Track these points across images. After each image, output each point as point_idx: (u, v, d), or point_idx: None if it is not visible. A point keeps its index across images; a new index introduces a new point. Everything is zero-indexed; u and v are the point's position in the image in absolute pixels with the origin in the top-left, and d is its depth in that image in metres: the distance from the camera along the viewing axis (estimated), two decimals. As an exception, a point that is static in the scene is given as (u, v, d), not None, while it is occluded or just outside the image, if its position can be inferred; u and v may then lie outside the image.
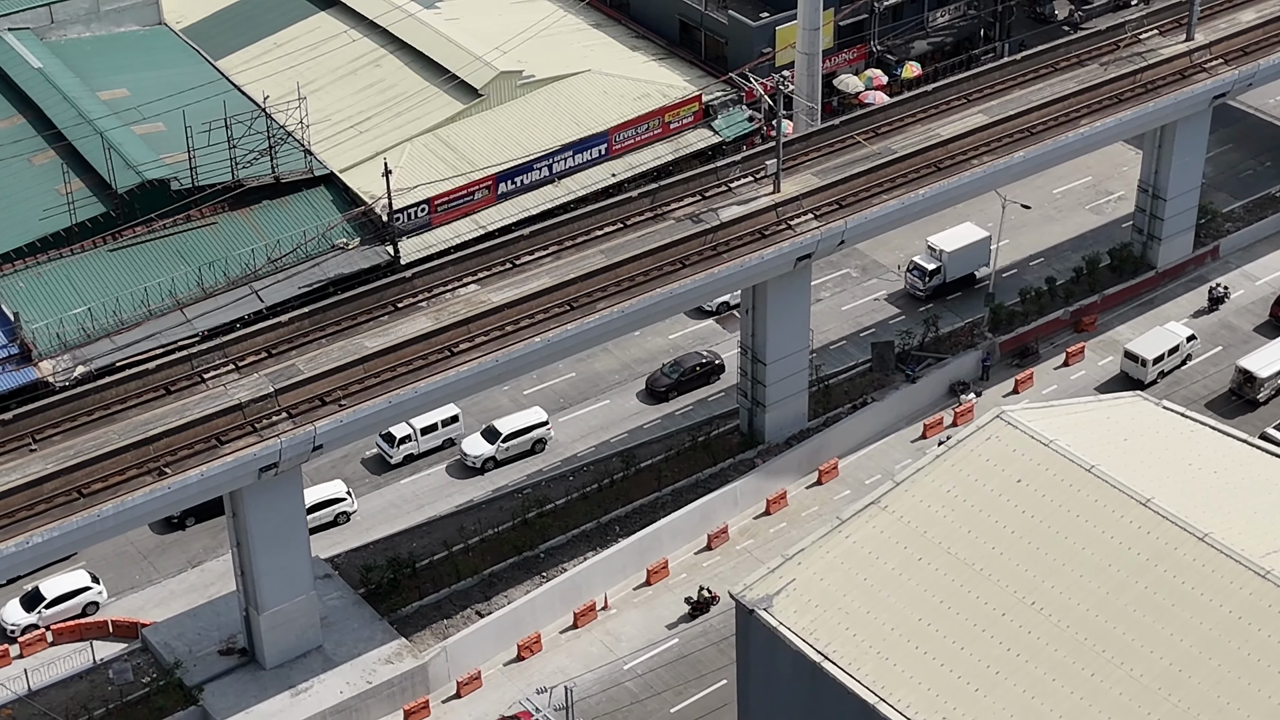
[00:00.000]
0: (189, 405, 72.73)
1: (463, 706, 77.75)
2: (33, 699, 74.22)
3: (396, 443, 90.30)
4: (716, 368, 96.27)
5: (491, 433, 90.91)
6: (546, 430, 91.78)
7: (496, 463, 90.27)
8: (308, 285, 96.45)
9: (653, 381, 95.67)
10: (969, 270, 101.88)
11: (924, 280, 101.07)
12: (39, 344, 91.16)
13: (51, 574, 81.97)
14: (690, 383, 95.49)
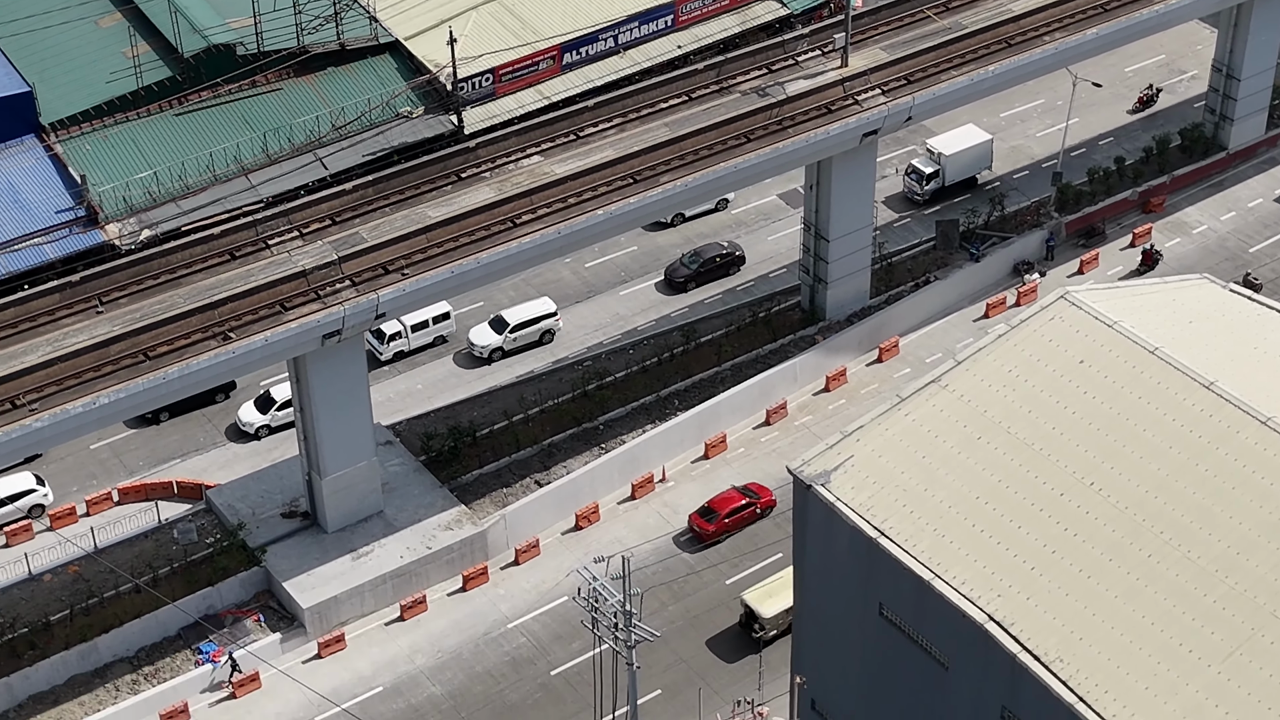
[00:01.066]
0: (253, 271, 73.18)
1: (521, 574, 78.68)
2: (99, 556, 75.58)
3: (386, 339, 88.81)
4: (737, 259, 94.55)
5: (499, 323, 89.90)
6: (555, 321, 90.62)
7: (504, 353, 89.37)
8: (371, 153, 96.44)
9: (671, 272, 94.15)
10: (969, 174, 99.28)
11: (921, 184, 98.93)
12: (105, 207, 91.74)
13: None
14: (710, 274, 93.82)
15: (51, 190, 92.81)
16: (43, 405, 67.25)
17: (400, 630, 76.28)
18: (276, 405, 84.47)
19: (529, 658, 75.24)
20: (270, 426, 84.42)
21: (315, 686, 71.46)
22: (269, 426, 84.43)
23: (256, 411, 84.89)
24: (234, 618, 75.17)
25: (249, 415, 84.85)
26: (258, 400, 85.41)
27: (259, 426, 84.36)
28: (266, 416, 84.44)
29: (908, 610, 54.02)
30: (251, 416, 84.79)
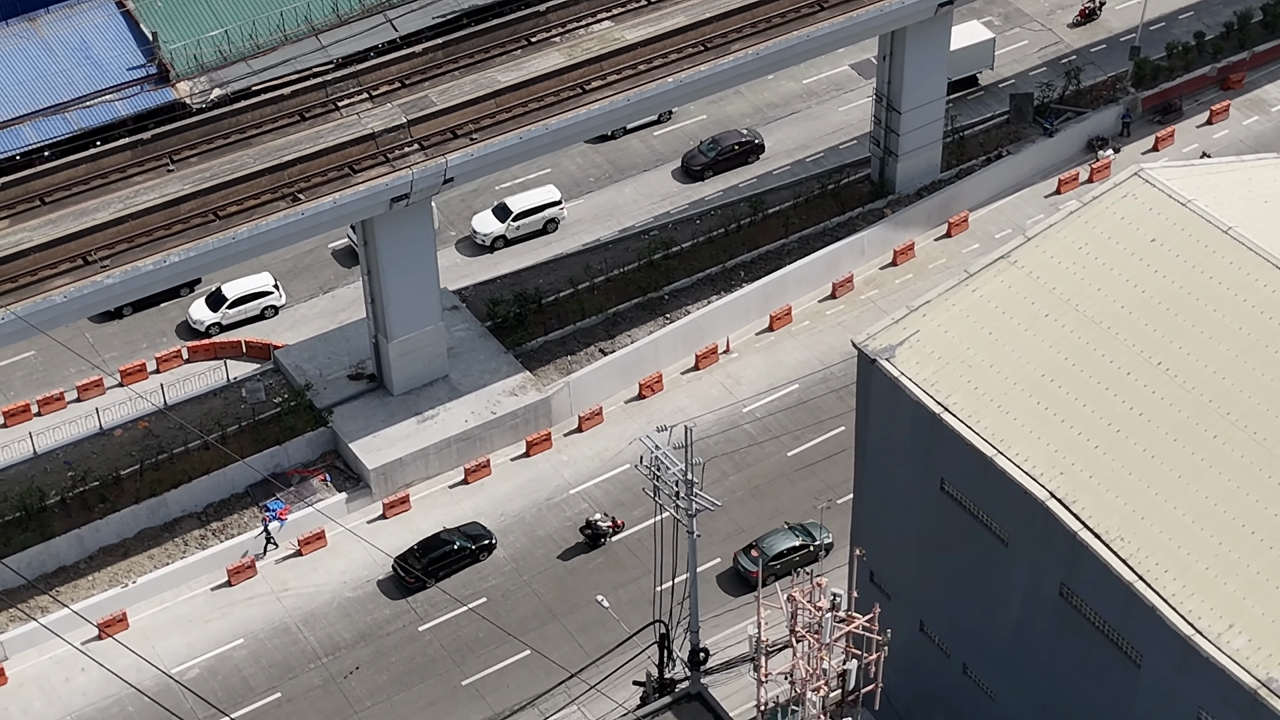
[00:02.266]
0: (323, 133, 73.19)
1: (584, 441, 79.19)
2: (169, 412, 76.59)
3: None
4: (756, 147, 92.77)
5: (503, 210, 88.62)
6: (559, 210, 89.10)
7: (506, 241, 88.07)
8: (442, 15, 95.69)
9: (688, 160, 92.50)
10: (969, 73, 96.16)
11: None
12: (176, 65, 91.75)
13: None
14: (727, 162, 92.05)
15: (123, 47, 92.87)
16: (114, 262, 67.85)
17: (464, 493, 77.09)
18: (228, 303, 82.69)
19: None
20: (221, 324, 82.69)
21: (380, 545, 72.47)
22: (219, 324, 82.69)
23: (208, 309, 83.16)
24: (300, 477, 76.17)
25: (199, 313, 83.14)
26: (209, 298, 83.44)
27: (209, 324, 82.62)
28: (217, 314, 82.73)
29: (969, 486, 54.07)
30: (202, 314, 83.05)
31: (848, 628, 49.39)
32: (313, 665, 70.66)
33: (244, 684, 69.92)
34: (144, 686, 65.04)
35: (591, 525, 74.53)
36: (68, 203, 69.78)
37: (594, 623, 71.07)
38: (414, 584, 72.68)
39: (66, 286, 66.86)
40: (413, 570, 72.58)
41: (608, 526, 74.51)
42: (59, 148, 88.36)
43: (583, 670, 63.05)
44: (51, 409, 79.65)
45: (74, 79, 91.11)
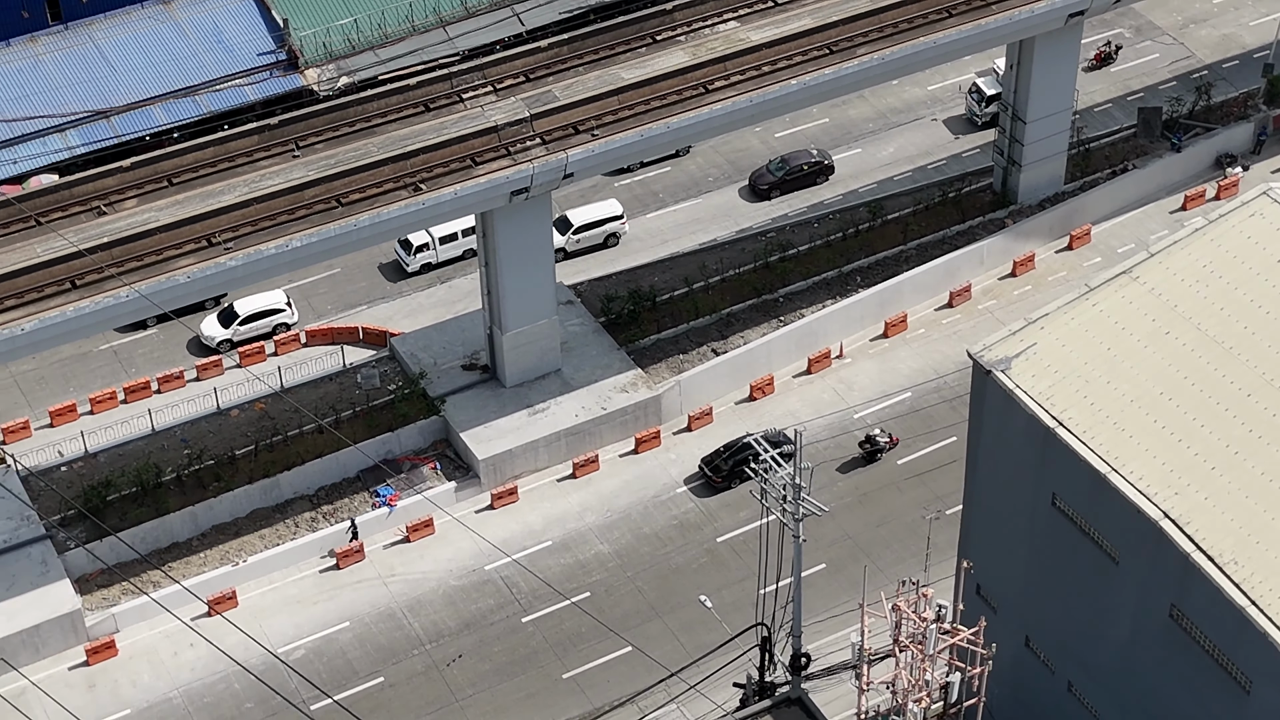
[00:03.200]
0: (446, 124, 73.73)
1: (693, 440, 79.19)
2: (285, 395, 77.55)
3: (414, 250, 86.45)
4: (826, 168, 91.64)
5: (564, 223, 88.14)
6: (620, 225, 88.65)
7: (566, 254, 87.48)
8: (568, 11, 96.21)
9: (756, 178, 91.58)
10: None
11: (981, 105, 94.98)
12: (305, 52, 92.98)
13: None
14: (795, 182, 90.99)
15: (254, 33, 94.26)
16: (237, 245, 68.80)
17: (571, 487, 77.39)
18: (239, 320, 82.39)
19: (696, 523, 75.95)
20: (232, 341, 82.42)
21: (486, 536, 72.94)
22: (230, 341, 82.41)
23: (219, 325, 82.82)
24: (411, 464, 76.83)
25: (211, 329, 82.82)
26: (221, 314, 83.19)
27: (220, 341, 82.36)
28: (229, 331, 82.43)
29: (1081, 502, 53.44)
30: (214, 330, 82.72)
31: (952, 640, 49.01)
32: (416, 651, 71.25)
33: (348, 667, 70.65)
34: (250, 665, 65.94)
35: (870, 440, 75.76)
36: (195, 184, 70.85)
37: (696, 622, 71.08)
38: (720, 484, 75.70)
39: (190, 267, 67.90)
40: (720, 470, 75.62)
41: (885, 441, 75.86)
42: (188, 130, 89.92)
43: (683, 669, 63.06)
44: (171, 387, 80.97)
45: (205, 62, 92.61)
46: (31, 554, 71.49)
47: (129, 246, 67.96)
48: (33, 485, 73.91)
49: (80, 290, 66.72)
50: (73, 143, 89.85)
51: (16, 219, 68.78)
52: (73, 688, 69.31)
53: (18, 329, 65.49)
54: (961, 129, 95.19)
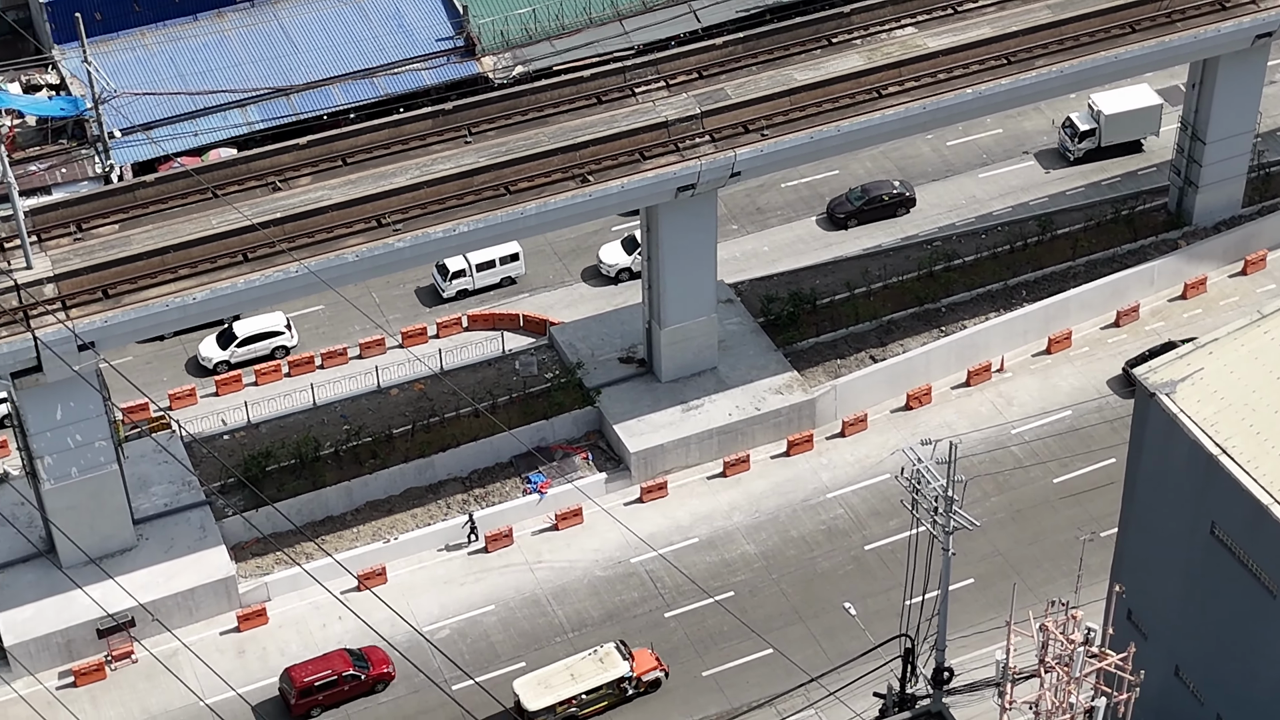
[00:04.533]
0: (617, 117, 74.06)
1: (846, 446, 78.77)
2: (444, 377, 78.46)
3: (450, 275, 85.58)
4: (906, 200, 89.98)
5: (631, 243, 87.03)
6: None
7: (631, 274, 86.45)
8: (745, 10, 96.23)
9: (834, 207, 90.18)
10: (1131, 138, 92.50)
11: (1074, 140, 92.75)
12: (483, 39, 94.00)
13: None
14: (874, 212, 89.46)
15: (434, 18, 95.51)
16: (406, 227, 69.72)
17: (721, 486, 77.37)
18: (237, 341, 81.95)
19: (844, 529, 75.55)
20: (230, 363, 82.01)
21: (634, 529, 73.18)
22: (228, 362, 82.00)
23: (217, 347, 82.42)
24: (564, 452, 77.32)
25: (209, 350, 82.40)
26: (219, 336, 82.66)
27: (218, 362, 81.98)
28: (226, 352, 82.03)
29: (1240, 532, 52.28)
30: (211, 351, 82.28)
31: (1100, 664, 48.22)
32: (559, 639, 71.71)
33: (491, 649, 71.31)
34: (396, 641, 66.84)
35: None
36: (368, 165, 71.91)
37: (839, 629, 70.72)
38: None
39: (359, 246, 68.94)
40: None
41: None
42: (364, 111, 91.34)
43: (823, 675, 62.81)
44: (334, 363, 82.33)
45: (385, 46, 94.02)
46: (191, 519, 73.14)
47: (301, 223, 69.18)
48: (196, 452, 75.61)
49: (251, 263, 68.08)
50: (252, 118, 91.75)
51: (195, 190, 70.36)
52: (223, 652, 70.76)
53: (190, 298, 66.99)
54: (1054, 164, 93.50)
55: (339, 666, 68.84)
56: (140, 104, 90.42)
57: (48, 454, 67.91)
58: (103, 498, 69.88)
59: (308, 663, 69.05)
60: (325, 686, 68.31)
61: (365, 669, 69.31)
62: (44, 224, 68.76)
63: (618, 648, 68.98)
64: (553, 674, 68.04)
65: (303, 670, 68.59)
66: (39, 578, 70.63)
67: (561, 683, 67.60)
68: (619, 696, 68.58)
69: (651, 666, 69.22)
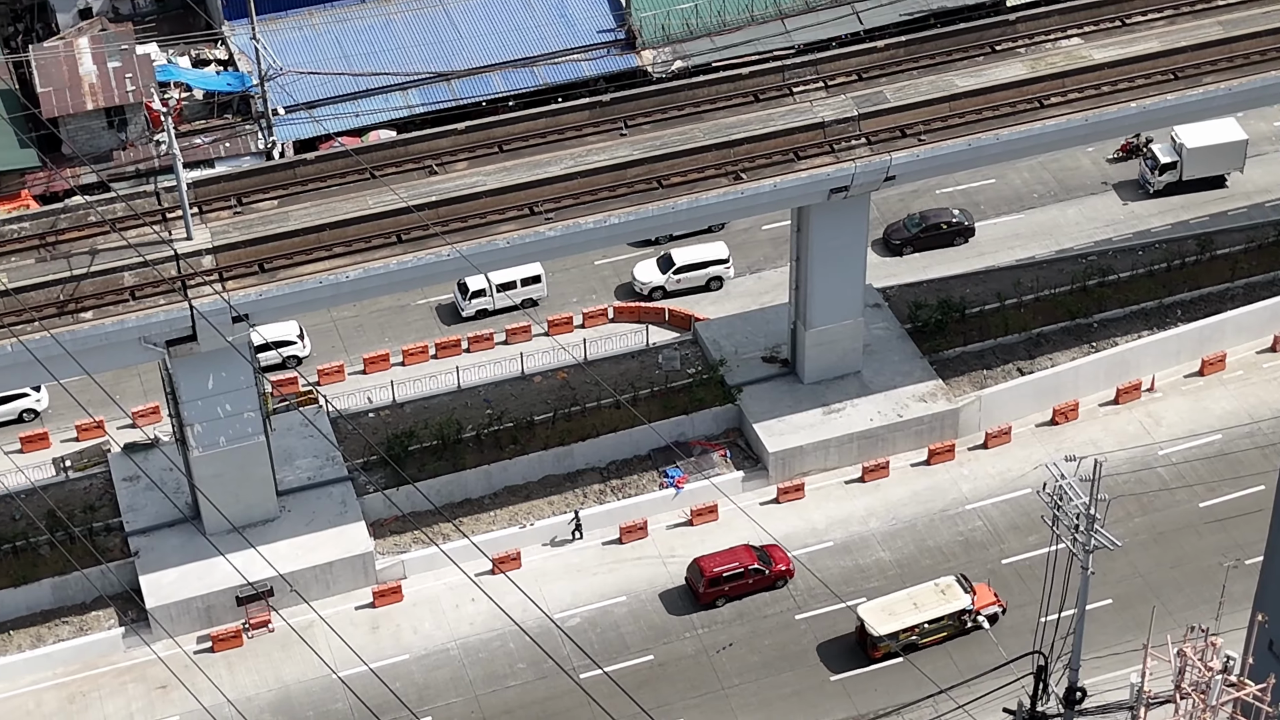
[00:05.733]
0: (773, 116, 73.90)
1: (988, 458, 77.96)
2: (587, 368, 78.87)
3: (470, 295, 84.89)
4: (965, 229, 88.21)
5: (666, 261, 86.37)
6: (724, 269, 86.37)
7: (665, 293, 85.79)
8: (909, 14, 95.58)
9: (890, 232, 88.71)
10: (1214, 173, 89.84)
11: (1155, 172, 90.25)
12: (644, 33, 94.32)
13: None
14: (931, 240, 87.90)
15: (597, 10, 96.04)
16: (557, 216, 70.13)
17: (859, 491, 76.94)
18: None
19: (982, 541, 74.79)
20: None
21: (770, 529, 73.02)
22: None
23: None
24: (702, 449, 77.38)
25: None
26: None
27: None
28: None
29: (1392, 569, 50.97)
30: None
31: (1237, 693, 47.28)
32: (688, 634, 71.78)
33: (620, 640, 71.58)
34: (527, 626, 67.32)
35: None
36: (523, 153, 72.46)
37: (971, 642, 70.04)
38: None
39: (510, 233, 69.49)
40: None
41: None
42: (523, 99, 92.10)
43: (953, 687, 62.25)
44: (480, 348, 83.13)
45: (546, 35, 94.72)
46: (333, 493, 74.24)
47: (455, 207, 69.90)
48: (341, 428, 76.73)
49: (405, 245, 68.91)
50: (413, 102, 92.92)
51: (353, 170, 71.36)
52: (357, 626, 71.77)
53: (343, 276, 67.97)
54: (1132, 196, 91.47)
55: (745, 560, 72.02)
56: (304, 83, 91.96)
57: (198, 422, 69.31)
58: (249, 468, 71.17)
59: (715, 555, 72.34)
60: (732, 578, 71.73)
61: (769, 564, 72.34)
62: (205, 196, 70.16)
63: (959, 580, 70.36)
64: (896, 602, 69.75)
65: (711, 561, 72.02)
66: (183, 543, 72.13)
67: (905, 610, 69.05)
68: (958, 628, 69.86)
69: (990, 601, 70.63)
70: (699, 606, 72.12)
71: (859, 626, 69.94)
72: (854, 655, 70.46)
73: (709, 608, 72.05)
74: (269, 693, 69.80)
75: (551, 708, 69.01)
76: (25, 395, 79.80)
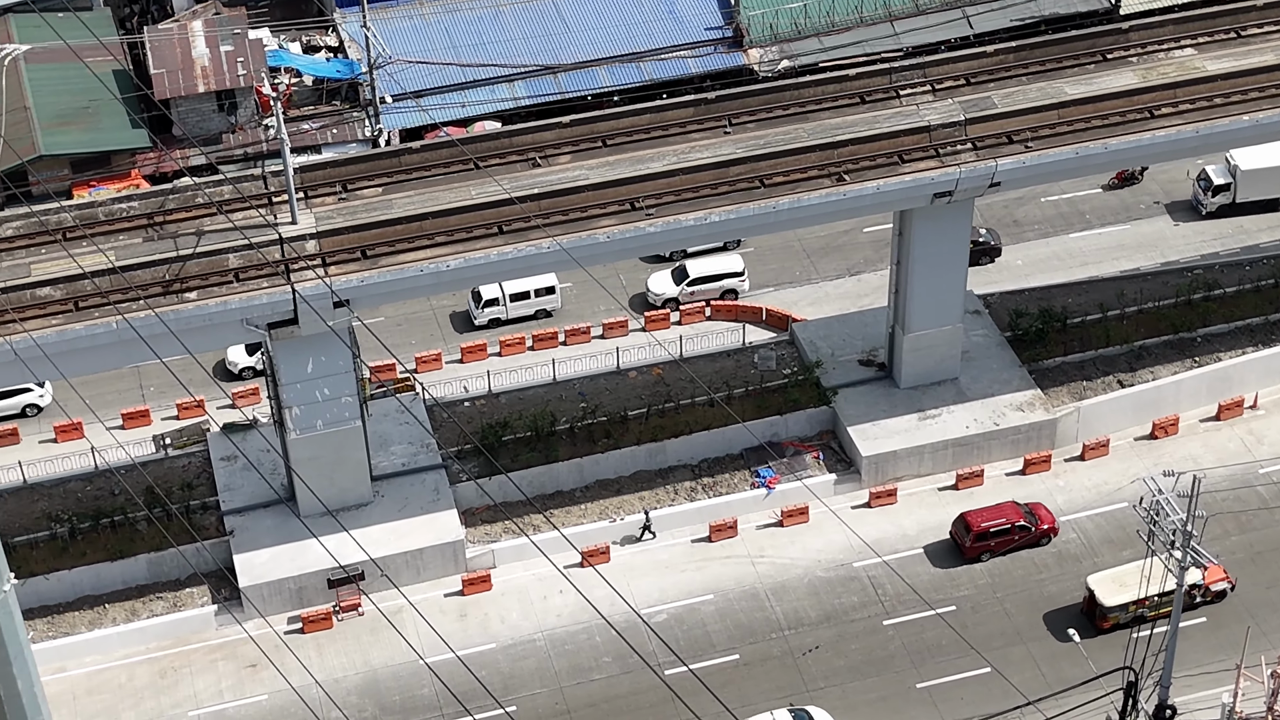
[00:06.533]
0: (879, 118, 73.49)
1: (1084, 470, 77.18)
2: (683, 364, 78.84)
3: (483, 303, 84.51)
4: (991, 249, 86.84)
5: (680, 273, 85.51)
6: (739, 281, 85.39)
7: (678, 304, 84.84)
8: (1020, 19, 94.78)
9: None
10: (1269, 195, 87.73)
11: (1208, 194, 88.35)
12: (751, 31, 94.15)
13: None
14: None
15: (705, 7, 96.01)
16: (658, 212, 70.16)
17: (952, 498, 76.41)
18: (261, 349, 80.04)
19: (1075, 554, 74.05)
20: (255, 369, 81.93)
21: (860, 533, 72.71)
22: (253, 369, 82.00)
23: (244, 353, 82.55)
24: (795, 450, 77.15)
25: (235, 355, 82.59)
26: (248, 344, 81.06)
27: (243, 368, 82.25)
28: (253, 359, 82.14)
29: None
30: (238, 357, 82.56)
31: (1331, 719, 46.58)
32: (774, 635, 71.64)
33: (706, 638, 71.56)
34: (614, 620, 67.28)
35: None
36: (626, 148, 72.52)
37: (1061, 655, 69.38)
38: None
39: (611, 227, 69.61)
40: None
41: None
42: (628, 94, 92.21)
43: (1041, 700, 61.71)
44: (577, 341, 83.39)
45: (654, 31, 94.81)
46: (426, 480, 74.77)
47: (557, 200, 70.11)
48: (436, 416, 77.24)
49: (506, 236, 69.23)
50: (518, 94, 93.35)
51: (457, 160, 71.77)
52: (445, 614, 72.23)
53: (444, 265, 68.40)
54: (1184, 217, 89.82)
55: (1012, 516, 73.21)
56: (412, 72, 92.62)
57: (296, 405, 70.02)
58: (344, 452, 71.81)
59: (982, 510, 73.44)
60: (999, 534, 72.86)
61: (1035, 522, 73.45)
62: (311, 181, 70.83)
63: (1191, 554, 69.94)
64: (1126, 573, 69.41)
65: (978, 516, 73.13)
66: (277, 524, 72.92)
67: (1135, 582, 68.38)
68: (1188, 603, 69.31)
69: (1220, 578, 70.52)
70: (962, 560, 73.22)
71: (1088, 597, 70.23)
72: (939, 659, 70.10)
73: (973, 561, 72.99)
74: (356, 675, 70.43)
75: (635, 702, 69.12)
76: (29, 390, 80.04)
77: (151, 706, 69.62)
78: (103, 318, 64.99)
